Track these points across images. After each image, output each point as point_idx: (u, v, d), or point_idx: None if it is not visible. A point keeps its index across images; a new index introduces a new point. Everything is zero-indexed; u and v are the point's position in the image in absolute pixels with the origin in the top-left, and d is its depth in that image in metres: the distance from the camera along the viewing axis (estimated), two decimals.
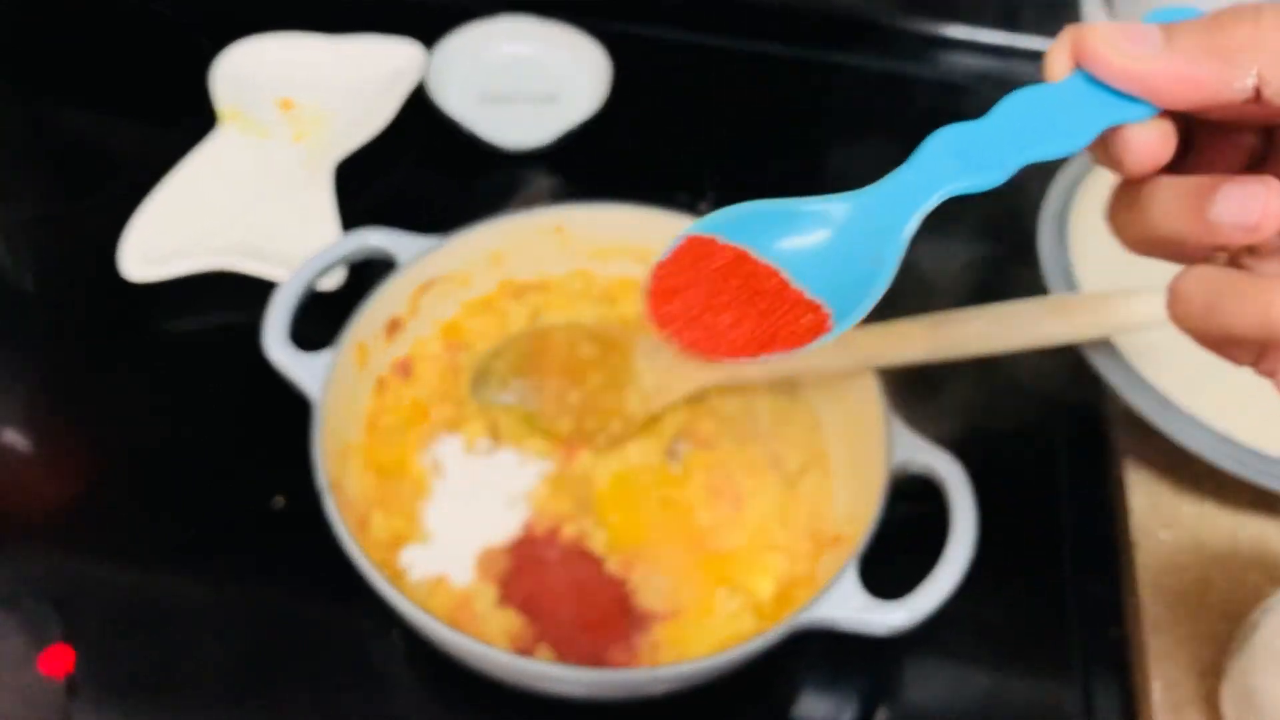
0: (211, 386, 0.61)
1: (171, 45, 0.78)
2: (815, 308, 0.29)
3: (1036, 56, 0.94)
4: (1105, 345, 0.56)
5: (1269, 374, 0.29)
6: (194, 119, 0.72)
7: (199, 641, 0.51)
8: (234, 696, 0.49)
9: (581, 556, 0.51)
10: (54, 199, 0.69)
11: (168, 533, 0.54)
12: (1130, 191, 0.30)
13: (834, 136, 0.75)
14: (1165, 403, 0.53)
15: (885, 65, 0.81)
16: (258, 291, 0.58)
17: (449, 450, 0.54)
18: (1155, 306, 0.49)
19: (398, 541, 0.51)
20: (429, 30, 0.75)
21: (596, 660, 0.48)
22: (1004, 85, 0.91)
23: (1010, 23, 0.82)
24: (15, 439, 0.58)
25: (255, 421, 0.58)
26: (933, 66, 0.82)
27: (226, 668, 0.50)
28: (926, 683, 0.52)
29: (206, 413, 0.59)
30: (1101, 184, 0.64)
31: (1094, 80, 0.28)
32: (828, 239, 0.30)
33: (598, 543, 0.51)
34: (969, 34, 0.83)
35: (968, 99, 0.80)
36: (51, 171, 0.72)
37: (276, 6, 0.78)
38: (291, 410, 0.51)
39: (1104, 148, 0.29)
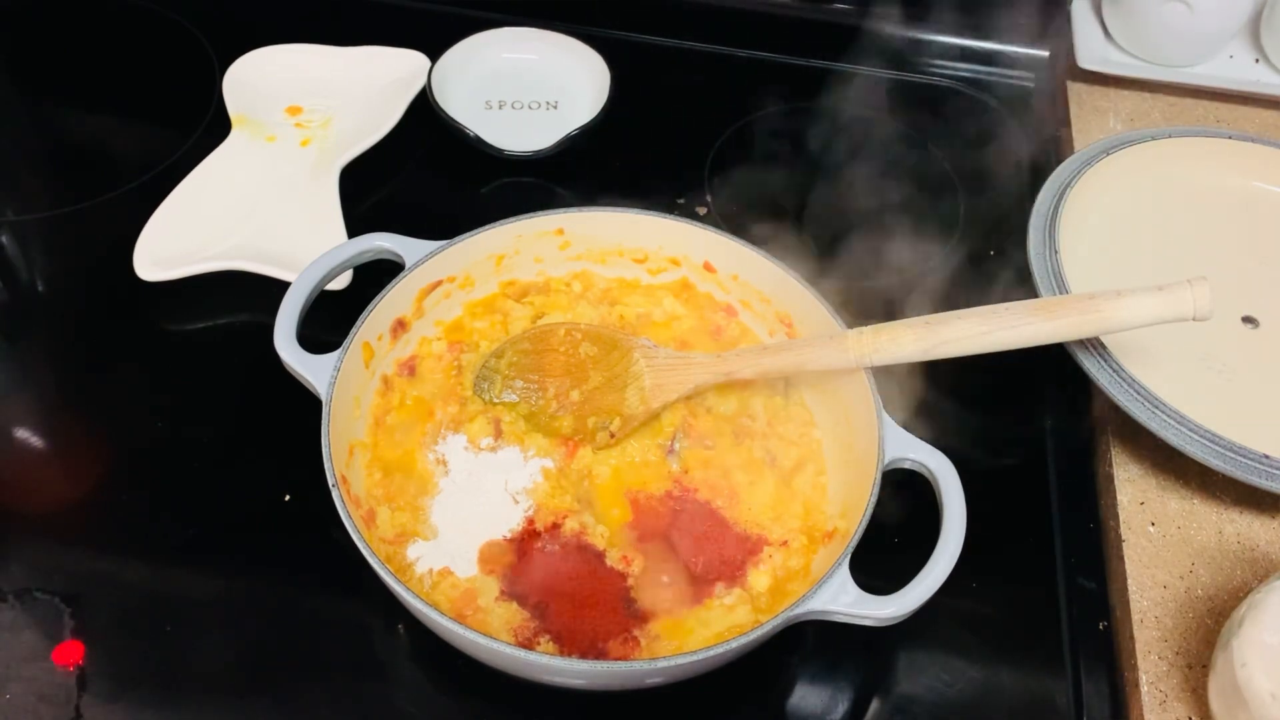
0: (220, 385, 0.62)
1: (186, 54, 0.79)
2: None
3: (1027, 63, 0.96)
4: (1093, 344, 0.57)
5: None
6: (206, 125, 0.74)
7: (206, 635, 0.51)
8: (240, 689, 0.50)
9: (582, 550, 0.52)
10: (69, 201, 0.70)
11: (176, 529, 0.55)
12: None
13: (831, 141, 0.76)
14: (1153, 401, 0.54)
15: (880, 71, 0.82)
16: (267, 292, 0.59)
17: (453, 447, 0.55)
18: (1142, 306, 0.50)
19: (403, 536, 0.52)
20: (433, 40, 0.77)
21: (597, 652, 0.49)
22: (997, 90, 0.92)
23: (1002, 30, 0.83)
24: (29, 437, 0.59)
25: (263, 420, 0.59)
26: (927, 72, 0.84)
27: (233, 661, 0.51)
28: (920, 675, 0.52)
29: (215, 411, 0.60)
30: (1088, 189, 0.66)
31: None
32: None
33: (598, 537, 0.52)
34: (962, 41, 0.84)
35: (962, 103, 0.81)
36: (67, 174, 0.73)
37: (287, 18, 0.79)
38: (299, 408, 0.52)
39: None
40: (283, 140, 0.72)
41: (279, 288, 0.56)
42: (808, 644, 0.52)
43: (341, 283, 0.62)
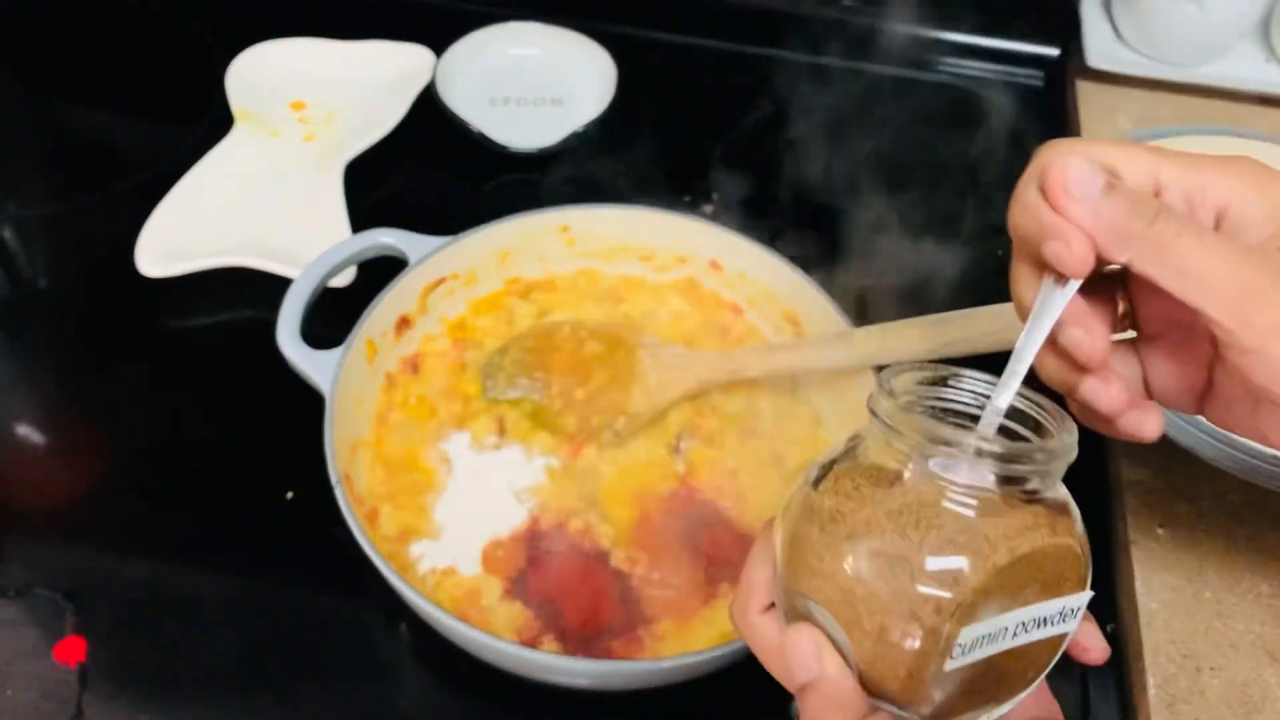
0: (223, 382, 0.61)
1: (189, 49, 0.79)
2: None
3: (1034, 61, 0.95)
4: None
5: None
6: (209, 120, 0.73)
7: (209, 633, 0.51)
8: (242, 688, 0.50)
9: (587, 550, 0.52)
10: (72, 196, 0.70)
11: (178, 526, 0.55)
12: None
13: (839, 139, 0.75)
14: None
15: (888, 69, 0.82)
16: (270, 288, 0.59)
17: (457, 446, 0.55)
18: None
19: (406, 535, 0.52)
20: (438, 35, 0.77)
21: (602, 652, 0.49)
22: (1005, 89, 0.92)
23: (1010, 29, 0.83)
24: (30, 433, 0.59)
25: (266, 417, 0.59)
26: (934, 70, 0.83)
27: (235, 660, 0.51)
28: None
29: (218, 408, 0.60)
30: None
31: None
32: None
33: (603, 536, 0.52)
34: (970, 39, 0.84)
35: (969, 102, 0.81)
36: (70, 170, 0.73)
37: (291, 13, 0.79)
38: (302, 406, 0.52)
39: None
40: (286, 136, 0.72)
41: (282, 284, 0.56)
42: None
43: (345, 279, 0.62)
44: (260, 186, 0.68)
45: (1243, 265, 0.29)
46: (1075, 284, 0.32)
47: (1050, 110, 0.80)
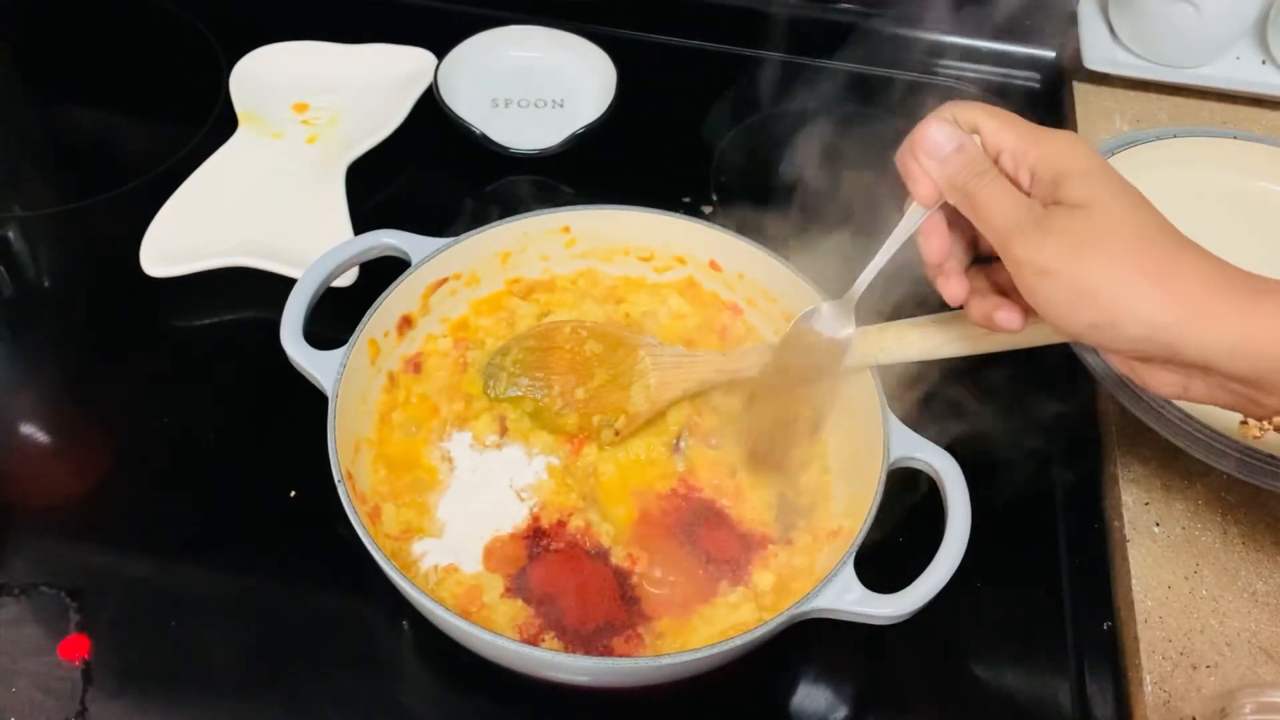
0: (227, 382, 0.62)
1: (193, 51, 0.80)
2: None
3: (1032, 64, 0.95)
4: None
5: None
6: (213, 122, 0.74)
7: (211, 630, 0.52)
8: (245, 684, 0.50)
9: (587, 548, 0.52)
10: (76, 197, 0.70)
11: (182, 524, 0.55)
12: None
13: (837, 141, 0.76)
14: (1158, 401, 0.54)
15: (886, 71, 0.82)
16: (273, 289, 0.59)
17: (458, 445, 0.55)
18: None
19: (408, 533, 0.52)
20: (440, 39, 0.77)
21: (602, 649, 0.49)
22: (1002, 90, 0.91)
23: (1008, 31, 0.83)
24: (34, 432, 0.59)
25: (269, 416, 0.60)
26: (933, 73, 0.84)
27: (238, 656, 0.51)
28: (923, 673, 0.52)
29: (221, 407, 0.61)
30: None
31: None
32: None
33: (603, 535, 0.52)
34: (968, 41, 0.84)
35: None
36: (74, 170, 0.73)
37: (294, 16, 0.79)
38: (305, 405, 0.52)
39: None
40: (289, 137, 0.72)
41: (285, 284, 0.56)
42: (812, 640, 0.52)
43: (347, 279, 0.63)
44: (263, 188, 0.69)
45: (1014, 211, 0.41)
46: (927, 211, 0.45)
47: (1048, 112, 0.81)
